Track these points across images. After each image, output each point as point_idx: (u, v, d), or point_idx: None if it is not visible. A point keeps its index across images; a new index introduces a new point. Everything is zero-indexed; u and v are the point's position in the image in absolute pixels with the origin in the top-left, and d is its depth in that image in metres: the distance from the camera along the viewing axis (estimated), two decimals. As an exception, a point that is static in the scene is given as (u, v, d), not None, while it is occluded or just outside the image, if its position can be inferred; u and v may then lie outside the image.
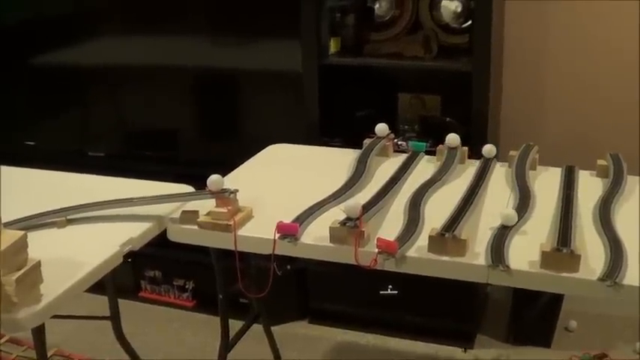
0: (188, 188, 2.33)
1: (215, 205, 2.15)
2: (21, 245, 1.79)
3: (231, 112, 3.65)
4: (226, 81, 3.60)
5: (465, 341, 3.18)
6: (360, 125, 2.79)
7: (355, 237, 1.92)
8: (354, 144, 2.68)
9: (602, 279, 1.72)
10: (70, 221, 2.21)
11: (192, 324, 2.50)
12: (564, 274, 1.77)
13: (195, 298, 3.58)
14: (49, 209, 2.23)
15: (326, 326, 3.36)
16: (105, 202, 2.26)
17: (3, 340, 3.33)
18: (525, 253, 1.85)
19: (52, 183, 2.56)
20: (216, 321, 2.48)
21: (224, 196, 2.13)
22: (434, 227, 1.92)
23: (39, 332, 2.14)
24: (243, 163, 2.66)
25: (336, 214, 2.06)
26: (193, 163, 3.48)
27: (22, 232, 1.80)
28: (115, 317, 2.49)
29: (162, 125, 3.83)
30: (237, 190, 2.15)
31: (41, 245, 1.90)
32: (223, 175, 2.26)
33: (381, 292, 3.13)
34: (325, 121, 3.11)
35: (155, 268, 3.68)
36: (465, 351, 3.14)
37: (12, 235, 1.79)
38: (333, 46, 3.11)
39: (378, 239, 1.88)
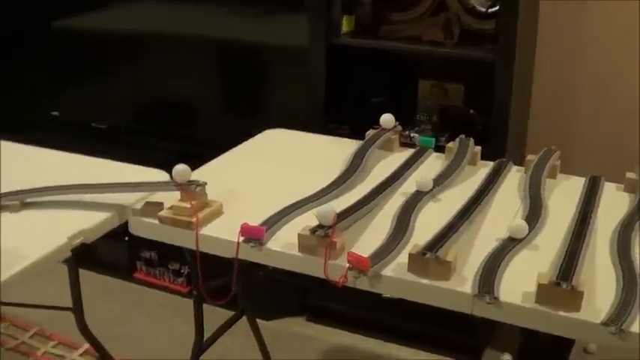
0: (164, 176, 2.07)
1: (179, 198, 1.89)
2: None
3: (252, 89, 3.45)
4: (248, 55, 3.40)
5: (471, 355, 2.90)
6: (374, 112, 2.51)
7: (326, 248, 1.66)
8: (366, 133, 2.42)
9: (605, 323, 1.43)
10: (26, 205, 2.02)
11: (184, 312, 2.31)
12: (562, 313, 1.48)
13: (190, 283, 3.34)
14: (11, 189, 2.06)
15: (323, 325, 3.12)
16: (65, 186, 2.06)
17: (4, 324, 3.16)
18: (523, 281, 1.58)
19: (27, 159, 2.40)
20: (210, 310, 2.25)
21: (189, 189, 1.88)
22: (417, 243, 1.65)
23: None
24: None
25: (314, 216, 1.79)
26: (205, 140, 3.30)
27: None
28: (77, 310, 2.24)
29: (178, 99, 3.69)
30: (205, 183, 1.91)
31: None
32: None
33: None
34: (334, 106, 2.83)
35: (152, 249, 3.47)
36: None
37: None
38: (345, 24, 2.84)
39: (349, 254, 1.62)
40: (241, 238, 1.77)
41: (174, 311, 3.22)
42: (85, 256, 3.31)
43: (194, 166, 2.18)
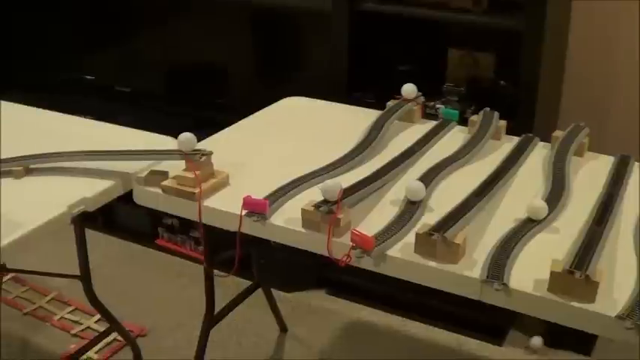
0: (173, 144, 1.99)
1: (184, 168, 1.82)
2: None
3: (280, 55, 3.37)
4: (276, 19, 3.31)
5: (495, 336, 2.81)
6: (401, 82, 2.40)
7: (329, 224, 1.57)
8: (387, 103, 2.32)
9: (621, 317, 1.33)
10: (30, 171, 1.96)
11: (200, 282, 2.25)
12: (575, 304, 1.38)
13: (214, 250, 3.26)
14: (16, 154, 2.00)
15: (344, 299, 3.03)
16: (69, 152, 1.99)
17: (5, 278, 3.11)
18: (537, 267, 1.48)
19: (33, 122, 2.34)
20: (229, 281, 2.19)
21: (193, 158, 1.80)
22: (427, 223, 1.55)
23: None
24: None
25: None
26: (231, 107, 3.28)
27: None
28: (85, 277, 2.19)
29: (202, 64, 3.60)
30: (210, 153, 1.84)
31: None
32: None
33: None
34: (359, 75, 2.73)
35: (173, 215, 3.38)
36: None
37: None
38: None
39: (353, 232, 1.54)
40: (244, 212, 1.68)
41: (193, 280, 3.16)
42: (107, 220, 3.30)
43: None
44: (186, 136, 1.84)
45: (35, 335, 2.82)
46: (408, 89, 2.26)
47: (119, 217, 3.51)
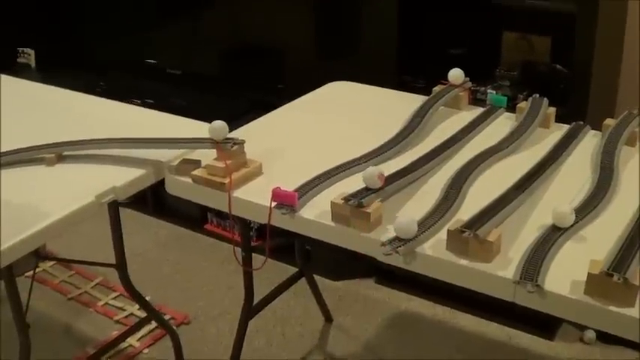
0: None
1: (216, 157, 1.77)
2: None
3: (334, 38, 3.27)
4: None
5: (546, 330, 2.71)
6: (452, 65, 2.32)
7: (359, 219, 1.51)
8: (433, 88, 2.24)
9: (659, 323, 1.25)
10: (62, 158, 1.94)
11: (250, 269, 2.24)
12: (612, 308, 1.29)
13: (260, 238, 3.23)
14: (51, 140, 1.97)
15: (392, 289, 2.96)
16: (102, 140, 1.96)
17: (51, 263, 3.12)
18: (575, 268, 1.39)
19: (69, 107, 2.32)
20: (276, 268, 2.14)
21: (224, 147, 1.75)
22: (461, 219, 1.47)
23: (10, 281, 1.91)
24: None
25: (360, 181, 1.65)
26: (284, 90, 3.25)
27: None
28: (120, 265, 2.16)
29: (253, 47, 3.55)
30: (243, 141, 1.79)
31: (18, 184, 1.81)
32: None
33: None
34: (409, 58, 2.64)
35: (223, 200, 3.36)
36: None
37: None
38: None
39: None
40: (273, 204, 1.63)
41: (238, 267, 3.09)
42: (158, 204, 3.27)
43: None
44: (218, 124, 1.79)
45: (78, 321, 2.82)
46: (455, 74, 2.18)
47: (169, 200, 3.48)
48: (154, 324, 2.61)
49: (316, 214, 1.61)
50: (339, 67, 3.14)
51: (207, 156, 1.81)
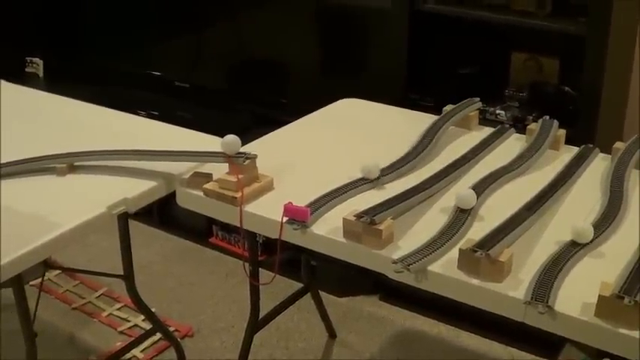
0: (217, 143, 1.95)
1: (228, 171, 1.78)
2: None
3: (341, 55, 3.30)
4: (347, 19, 3.21)
5: (549, 350, 2.71)
6: (461, 85, 2.33)
7: (372, 236, 1.51)
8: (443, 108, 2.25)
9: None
10: (74, 168, 1.95)
11: (254, 282, 2.25)
12: (622, 331, 1.30)
13: (265, 252, 3.22)
14: (62, 150, 2.00)
15: (396, 306, 2.96)
16: (114, 151, 1.98)
17: (55, 272, 3.12)
18: (587, 290, 1.40)
19: (81, 118, 2.35)
20: (281, 282, 2.15)
21: (236, 161, 1.76)
22: (471, 238, 1.48)
23: (19, 289, 1.92)
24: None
25: (371, 198, 1.70)
26: (290, 105, 3.27)
27: None
28: (128, 277, 2.17)
29: (263, 62, 3.57)
30: (255, 156, 1.79)
31: (29, 194, 1.83)
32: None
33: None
34: (418, 77, 2.66)
35: (228, 214, 3.37)
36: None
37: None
38: (431, -12, 2.65)
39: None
40: (285, 219, 1.63)
41: (243, 280, 3.11)
42: (164, 216, 3.28)
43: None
44: (230, 139, 1.81)
45: (81, 331, 2.82)
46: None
47: (175, 213, 3.48)
48: (158, 336, 2.61)
49: (327, 230, 1.62)
50: (345, 83, 3.17)
51: (218, 170, 1.82)
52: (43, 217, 1.72)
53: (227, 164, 1.81)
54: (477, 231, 1.57)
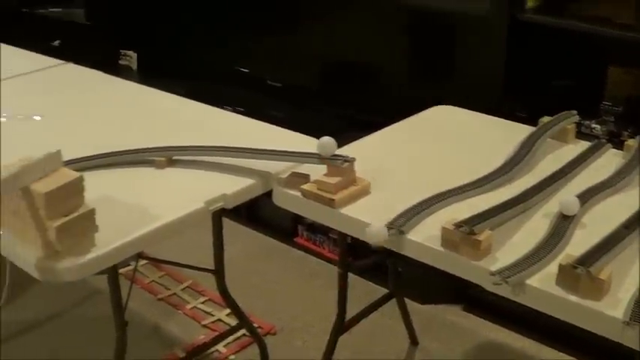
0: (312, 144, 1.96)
1: (325, 172, 1.79)
2: (73, 189, 1.56)
3: (434, 60, 3.29)
4: (433, 22, 3.24)
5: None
6: (555, 97, 2.31)
7: (469, 246, 1.51)
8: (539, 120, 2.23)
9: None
10: (172, 162, 1.98)
11: (335, 285, 2.23)
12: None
13: (351, 255, 3.23)
14: (156, 144, 2.04)
15: (480, 317, 2.94)
16: (212, 147, 2.00)
17: (142, 262, 3.17)
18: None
19: (180, 112, 2.39)
20: (365, 286, 2.16)
21: (335, 164, 1.77)
22: (571, 254, 1.47)
23: (113, 278, 1.95)
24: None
25: (467, 208, 1.70)
26: (382, 110, 3.11)
27: (77, 175, 1.58)
28: (219, 272, 2.20)
29: (357, 64, 3.58)
30: (353, 159, 1.79)
31: (129, 185, 1.87)
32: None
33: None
34: (513, 86, 2.64)
35: (314, 215, 3.38)
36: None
37: (65, 176, 1.54)
38: (530, -1, 2.63)
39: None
40: (382, 224, 1.64)
41: (327, 282, 3.13)
42: (250, 213, 3.31)
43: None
44: (327, 140, 1.82)
45: (166, 321, 2.86)
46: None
47: (262, 210, 3.51)
48: (241, 332, 2.63)
49: (424, 238, 1.62)
50: (434, 89, 3.16)
51: (315, 171, 1.83)
52: (143, 208, 1.74)
53: (323, 166, 1.81)
54: (577, 243, 1.56)
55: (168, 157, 1.98)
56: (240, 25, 3.92)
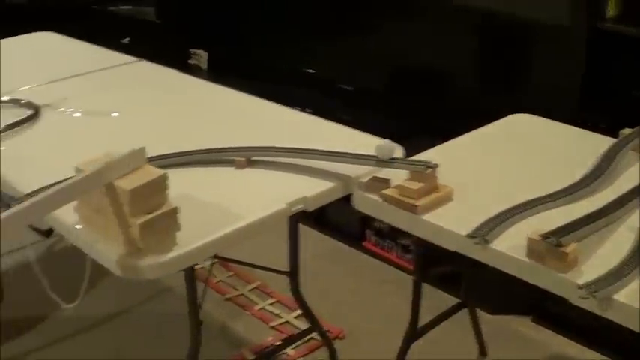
0: (398, 150, 1.95)
1: (407, 178, 1.78)
2: (157, 186, 1.58)
3: (508, 67, 3.25)
4: (507, 29, 3.21)
5: None
6: (635, 108, 2.26)
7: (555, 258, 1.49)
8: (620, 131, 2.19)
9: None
10: (252, 163, 1.98)
11: (407, 290, 2.21)
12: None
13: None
14: (236, 144, 2.05)
15: (549, 330, 2.90)
16: (291, 149, 2.00)
17: (209, 262, 3.19)
18: None
19: (253, 113, 2.40)
20: (433, 294, 2.14)
21: (419, 169, 1.76)
22: (659, 269, 1.44)
23: (190, 277, 1.96)
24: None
25: (549, 219, 1.67)
26: (454, 115, 3.21)
27: (162, 172, 1.59)
28: (292, 274, 2.21)
29: (431, 69, 3.55)
30: (436, 165, 1.77)
31: (209, 184, 1.89)
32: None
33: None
34: (591, 96, 2.60)
35: (384, 220, 3.37)
36: None
37: (149, 174, 1.55)
38: (611, 7, 2.57)
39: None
40: (464, 232, 1.63)
41: (396, 287, 3.12)
42: (319, 216, 3.31)
43: (438, 143, 2.13)
44: (384, 143, 1.86)
45: (234, 322, 2.87)
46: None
47: (330, 214, 3.51)
48: (309, 335, 2.63)
49: (508, 247, 1.60)
50: (507, 96, 3.12)
51: (396, 176, 1.81)
52: (224, 208, 1.75)
53: (403, 171, 1.80)
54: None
55: (247, 157, 1.98)
56: (311, 26, 3.92)
